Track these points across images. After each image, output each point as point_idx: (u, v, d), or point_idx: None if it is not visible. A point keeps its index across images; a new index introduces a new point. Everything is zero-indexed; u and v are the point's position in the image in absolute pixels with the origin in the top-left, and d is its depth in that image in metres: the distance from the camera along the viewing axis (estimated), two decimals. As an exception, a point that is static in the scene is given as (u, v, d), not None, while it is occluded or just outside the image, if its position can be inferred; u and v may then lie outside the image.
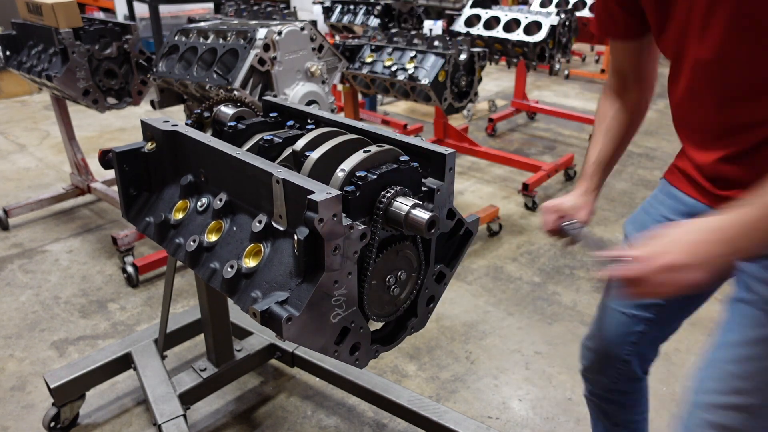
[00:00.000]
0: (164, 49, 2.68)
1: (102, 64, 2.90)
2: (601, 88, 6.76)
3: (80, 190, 3.57)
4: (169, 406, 1.77)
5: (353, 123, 1.36)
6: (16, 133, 5.02)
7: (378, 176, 1.09)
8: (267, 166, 1.14)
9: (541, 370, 2.33)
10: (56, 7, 2.71)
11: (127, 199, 1.43)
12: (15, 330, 2.53)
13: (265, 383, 2.25)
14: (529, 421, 2.09)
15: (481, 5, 4.24)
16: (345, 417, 2.09)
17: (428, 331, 2.52)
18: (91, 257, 3.10)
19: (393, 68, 3.15)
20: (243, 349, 2.03)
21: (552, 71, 4.94)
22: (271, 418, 2.09)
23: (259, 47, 2.24)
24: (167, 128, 1.37)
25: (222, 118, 1.48)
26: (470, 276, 2.95)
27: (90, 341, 2.47)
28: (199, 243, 1.24)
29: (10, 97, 5.99)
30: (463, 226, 1.28)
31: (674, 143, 4.93)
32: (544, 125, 5.39)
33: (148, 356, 1.98)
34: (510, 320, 2.62)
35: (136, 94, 3.07)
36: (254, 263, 1.13)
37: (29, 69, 2.99)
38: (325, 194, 0.99)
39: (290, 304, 1.03)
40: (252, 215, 1.19)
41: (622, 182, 4.13)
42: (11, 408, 2.12)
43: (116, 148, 1.38)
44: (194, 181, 1.36)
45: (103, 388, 2.17)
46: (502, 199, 3.86)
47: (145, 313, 2.65)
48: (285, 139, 1.28)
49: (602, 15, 1.30)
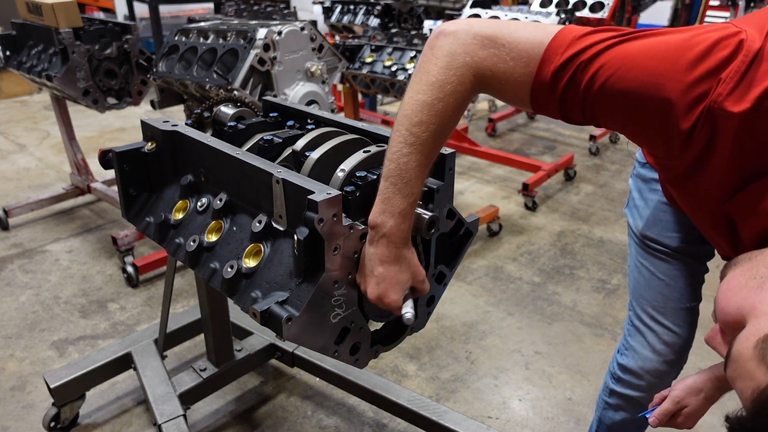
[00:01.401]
0: (164, 49, 2.68)
1: (102, 64, 2.90)
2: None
3: (80, 190, 3.57)
4: (169, 406, 1.77)
5: (353, 123, 1.36)
6: (16, 133, 5.02)
7: (378, 176, 1.09)
8: (267, 166, 1.14)
9: (541, 370, 2.33)
10: (56, 7, 2.71)
11: (127, 199, 1.43)
12: (15, 330, 2.53)
13: (265, 383, 2.25)
14: (529, 421, 2.09)
15: (481, 5, 4.24)
16: (345, 417, 2.09)
17: (428, 331, 2.52)
18: (91, 257, 3.10)
19: (393, 68, 3.15)
20: (243, 349, 2.03)
21: (552, 71, 4.94)
22: (271, 418, 2.09)
23: (259, 47, 2.24)
24: (167, 128, 1.37)
25: (222, 118, 1.48)
26: (470, 276, 2.95)
27: (90, 341, 2.47)
28: (199, 243, 1.24)
29: (10, 97, 5.99)
30: (463, 226, 1.28)
31: (674, 143, 4.94)
32: (544, 125, 5.39)
33: (148, 356, 1.97)
34: (510, 320, 2.62)
35: (136, 94, 3.07)
36: (254, 263, 1.13)
37: (29, 69, 2.99)
38: (325, 194, 0.99)
39: (290, 304, 1.03)
40: (252, 215, 1.19)
41: (622, 182, 4.13)
42: (11, 408, 2.12)
43: (116, 148, 1.38)
44: (194, 181, 1.36)
45: (103, 388, 2.17)
46: (502, 199, 3.86)
47: (145, 313, 2.65)
48: (285, 139, 1.28)
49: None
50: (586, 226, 3.51)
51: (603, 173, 4.31)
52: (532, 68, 0.87)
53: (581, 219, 3.59)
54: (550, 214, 3.66)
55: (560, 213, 3.67)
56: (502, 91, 0.93)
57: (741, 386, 0.70)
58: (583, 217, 3.62)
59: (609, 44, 0.83)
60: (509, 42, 0.88)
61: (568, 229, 3.46)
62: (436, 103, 0.91)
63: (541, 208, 3.73)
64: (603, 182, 4.14)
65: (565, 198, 3.89)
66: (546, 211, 3.69)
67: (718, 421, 2.08)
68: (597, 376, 2.29)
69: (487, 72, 0.90)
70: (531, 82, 0.88)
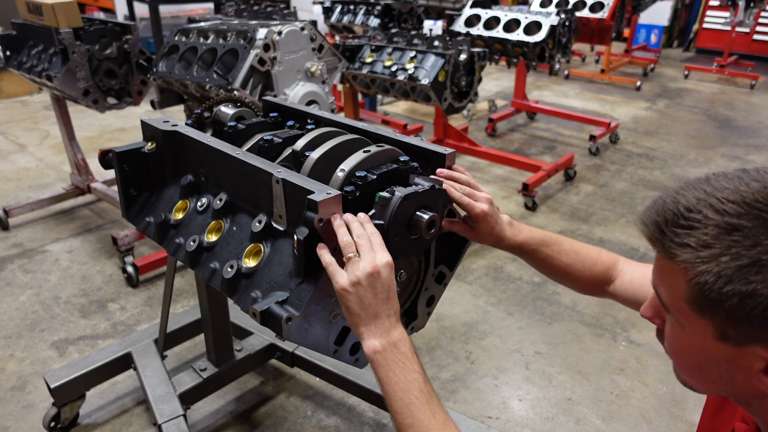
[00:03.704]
0: (164, 49, 2.68)
1: (102, 64, 2.90)
2: (601, 89, 6.70)
3: (80, 190, 3.57)
4: (169, 406, 1.77)
5: (353, 123, 1.36)
6: (17, 133, 5.02)
7: (378, 176, 1.09)
8: (267, 166, 1.14)
9: (541, 370, 2.33)
10: (56, 7, 2.71)
11: (127, 199, 1.43)
12: (15, 330, 2.53)
13: (265, 383, 2.25)
14: (529, 421, 2.09)
15: (481, 5, 4.24)
16: (345, 417, 2.09)
17: (428, 331, 2.52)
18: (91, 257, 3.10)
19: (393, 68, 3.15)
20: (243, 349, 2.03)
21: (552, 71, 4.95)
22: (271, 418, 2.09)
23: (259, 47, 2.24)
24: (167, 128, 1.37)
25: (222, 118, 1.48)
26: (470, 276, 2.95)
27: (90, 341, 2.47)
28: (199, 243, 1.24)
29: (10, 97, 5.99)
30: (463, 226, 1.28)
31: (674, 143, 4.94)
32: (544, 125, 5.39)
33: (148, 356, 1.97)
34: (510, 320, 2.62)
35: (136, 94, 3.07)
36: (254, 263, 1.13)
37: (29, 69, 2.99)
38: (325, 194, 0.99)
39: (290, 304, 1.03)
40: (252, 215, 1.19)
41: (622, 182, 4.13)
42: (11, 408, 2.12)
43: (116, 148, 1.38)
44: (194, 181, 1.36)
45: (103, 388, 2.17)
46: (502, 199, 3.86)
47: (145, 313, 2.65)
48: (285, 139, 1.28)
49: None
50: (586, 226, 3.51)
51: (603, 173, 4.31)
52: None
53: (581, 219, 3.59)
54: (550, 214, 3.66)
55: (560, 213, 3.67)
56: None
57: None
58: (583, 217, 3.62)
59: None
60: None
61: (568, 229, 3.46)
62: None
63: (541, 208, 3.73)
64: (603, 182, 4.14)
65: (565, 198, 3.89)
66: (546, 211, 3.69)
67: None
68: (597, 376, 2.29)
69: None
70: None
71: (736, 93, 6.53)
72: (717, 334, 0.70)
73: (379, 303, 0.96)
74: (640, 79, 6.65)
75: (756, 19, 7.15)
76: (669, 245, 0.70)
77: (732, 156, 4.69)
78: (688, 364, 0.78)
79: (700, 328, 0.71)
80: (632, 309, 1.20)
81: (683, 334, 0.75)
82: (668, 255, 0.70)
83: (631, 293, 1.18)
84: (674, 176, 4.24)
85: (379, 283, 0.96)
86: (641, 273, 1.19)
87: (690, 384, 0.81)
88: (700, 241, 0.67)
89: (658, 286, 0.77)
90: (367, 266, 0.95)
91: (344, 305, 0.97)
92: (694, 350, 0.75)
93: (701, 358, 0.75)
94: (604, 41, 5.07)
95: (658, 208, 0.72)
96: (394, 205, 1.03)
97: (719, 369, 0.74)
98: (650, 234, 0.73)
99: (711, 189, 0.69)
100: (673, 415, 2.12)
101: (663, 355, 2.40)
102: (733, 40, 7.12)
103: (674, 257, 0.69)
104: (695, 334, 0.72)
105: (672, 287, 0.72)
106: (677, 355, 0.79)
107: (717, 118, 5.63)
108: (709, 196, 0.68)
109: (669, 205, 0.71)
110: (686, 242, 0.68)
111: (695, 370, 0.78)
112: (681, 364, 0.80)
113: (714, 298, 0.66)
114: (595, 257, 1.22)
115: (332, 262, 0.97)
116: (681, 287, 0.70)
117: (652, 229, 0.73)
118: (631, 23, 7.44)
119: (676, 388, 2.23)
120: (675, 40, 9.13)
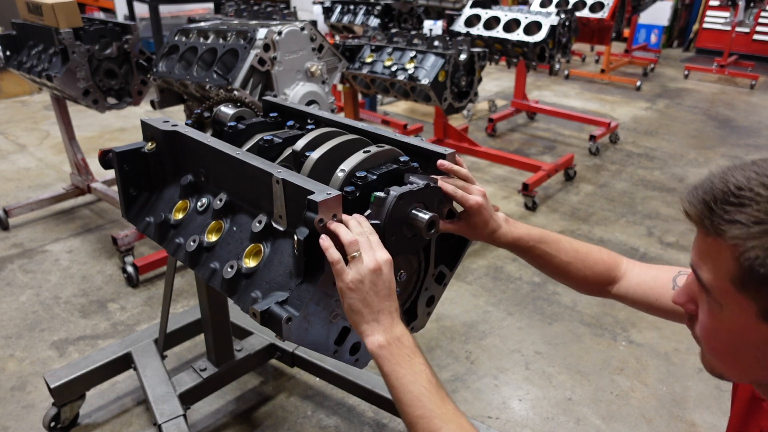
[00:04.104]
0: (164, 49, 2.68)
1: (102, 64, 2.90)
2: (601, 89, 6.69)
3: (80, 190, 3.57)
4: (169, 406, 1.77)
5: (353, 123, 1.36)
6: (17, 133, 5.02)
7: (378, 176, 1.09)
8: (267, 166, 1.14)
9: (541, 370, 2.33)
10: (56, 7, 2.71)
11: (127, 199, 1.43)
12: (15, 330, 2.53)
13: (265, 383, 2.25)
14: (529, 421, 2.09)
15: (481, 5, 4.24)
16: (345, 417, 2.09)
17: (428, 331, 2.52)
18: (91, 257, 3.10)
19: (393, 68, 3.14)
20: (243, 349, 2.03)
21: (552, 71, 4.94)
22: (271, 418, 2.09)
23: (259, 47, 2.24)
24: (167, 128, 1.37)
25: (222, 118, 1.48)
26: (470, 276, 2.95)
27: (90, 341, 2.47)
28: (199, 243, 1.24)
29: (10, 97, 5.99)
30: (463, 226, 1.28)
31: (674, 143, 4.94)
32: (544, 125, 5.39)
33: (148, 356, 1.97)
34: (510, 320, 2.62)
35: (136, 94, 3.07)
36: (254, 263, 1.13)
37: (29, 69, 2.99)
38: (325, 194, 0.99)
39: (290, 305, 1.03)
40: (252, 215, 1.19)
41: (622, 182, 4.13)
42: (11, 408, 2.12)
43: (116, 148, 1.38)
44: (194, 181, 1.36)
45: (103, 388, 2.17)
46: (502, 199, 3.86)
47: (145, 313, 2.65)
48: (285, 139, 1.28)
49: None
50: (586, 226, 3.51)
51: (603, 173, 4.31)
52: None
53: (581, 219, 3.59)
54: (550, 214, 3.66)
55: (560, 213, 3.67)
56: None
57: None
58: (583, 217, 3.62)
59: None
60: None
61: (568, 229, 3.45)
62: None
63: (541, 208, 3.73)
64: (603, 182, 4.14)
65: (565, 198, 3.89)
66: (546, 211, 3.69)
67: (718, 421, 2.08)
68: (597, 376, 2.29)
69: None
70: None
71: (736, 93, 6.53)
72: (760, 314, 0.70)
73: (381, 300, 0.97)
74: (640, 79, 6.65)
75: (756, 19, 7.15)
76: (718, 222, 0.70)
77: (732, 156, 4.69)
78: (722, 349, 0.78)
79: (741, 308, 0.71)
80: (640, 311, 1.20)
81: (721, 315, 0.74)
82: (717, 232, 0.70)
83: (641, 295, 1.18)
84: (674, 176, 4.24)
85: (381, 280, 0.96)
86: (651, 274, 1.18)
87: (720, 371, 0.80)
88: (752, 217, 0.67)
89: (699, 266, 0.76)
90: (370, 264, 0.96)
91: (347, 303, 0.98)
92: (731, 332, 0.74)
93: (738, 341, 0.74)
94: (604, 41, 5.07)
95: (706, 188, 0.72)
96: (390, 204, 1.03)
97: (756, 352, 0.73)
98: (697, 212, 0.73)
99: (760, 169, 0.70)
100: (673, 415, 2.12)
101: (663, 355, 2.40)
102: (733, 40, 7.12)
103: (723, 233, 0.69)
104: (736, 314, 0.72)
105: (716, 266, 0.72)
106: (712, 338, 0.78)
107: (717, 118, 5.63)
108: (759, 175, 0.69)
109: (718, 185, 0.71)
110: (737, 219, 0.68)
111: (729, 356, 0.77)
112: (715, 348, 0.79)
113: (764, 273, 0.66)
114: (597, 257, 1.22)
115: (340, 260, 0.98)
116: (727, 265, 0.70)
117: (699, 208, 0.72)
118: (631, 23, 7.43)
119: (676, 388, 2.23)
120: (675, 40, 9.13)
